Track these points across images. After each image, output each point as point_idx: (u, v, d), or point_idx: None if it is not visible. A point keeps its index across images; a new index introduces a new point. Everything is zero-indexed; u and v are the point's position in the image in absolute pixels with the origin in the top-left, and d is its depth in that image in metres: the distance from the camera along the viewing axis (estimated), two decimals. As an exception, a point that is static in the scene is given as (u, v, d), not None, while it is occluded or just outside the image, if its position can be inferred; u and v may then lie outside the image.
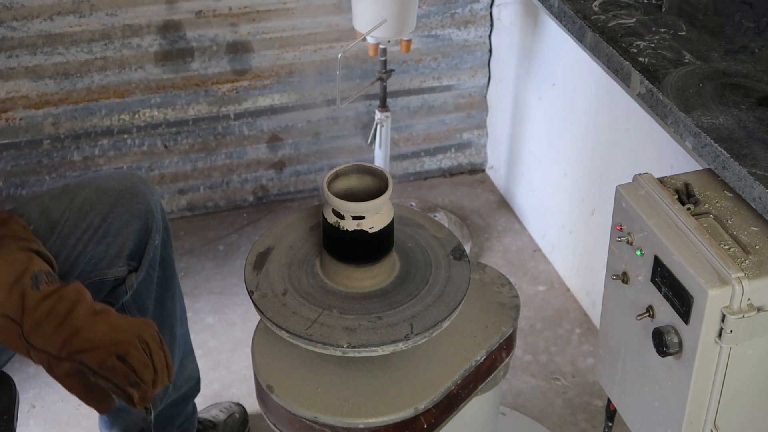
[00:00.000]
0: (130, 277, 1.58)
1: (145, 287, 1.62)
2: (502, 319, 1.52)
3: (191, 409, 1.87)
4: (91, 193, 1.53)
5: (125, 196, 1.54)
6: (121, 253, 1.55)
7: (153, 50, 2.41)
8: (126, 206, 1.53)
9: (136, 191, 1.55)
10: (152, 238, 1.58)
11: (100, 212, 1.51)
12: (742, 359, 1.23)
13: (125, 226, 1.54)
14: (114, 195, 1.53)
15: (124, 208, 1.53)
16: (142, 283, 1.61)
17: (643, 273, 1.31)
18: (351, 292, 1.42)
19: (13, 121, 2.40)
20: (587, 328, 2.29)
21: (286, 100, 2.60)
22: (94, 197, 1.52)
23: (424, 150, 2.81)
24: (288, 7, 2.46)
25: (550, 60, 2.37)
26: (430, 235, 1.53)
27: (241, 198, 2.70)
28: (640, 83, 1.39)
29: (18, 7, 2.26)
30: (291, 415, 1.38)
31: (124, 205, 1.52)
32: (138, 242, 1.56)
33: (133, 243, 1.55)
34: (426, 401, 1.38)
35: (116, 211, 1.52)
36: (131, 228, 1.54)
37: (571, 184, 2.35)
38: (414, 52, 2.62)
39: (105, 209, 1.52)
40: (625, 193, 1.33)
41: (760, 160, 1.21)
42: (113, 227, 1.53)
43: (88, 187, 1.54)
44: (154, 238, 1.58)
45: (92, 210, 1.51)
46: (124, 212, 1.53)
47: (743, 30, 1.53)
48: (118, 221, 1.53)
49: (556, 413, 2.07)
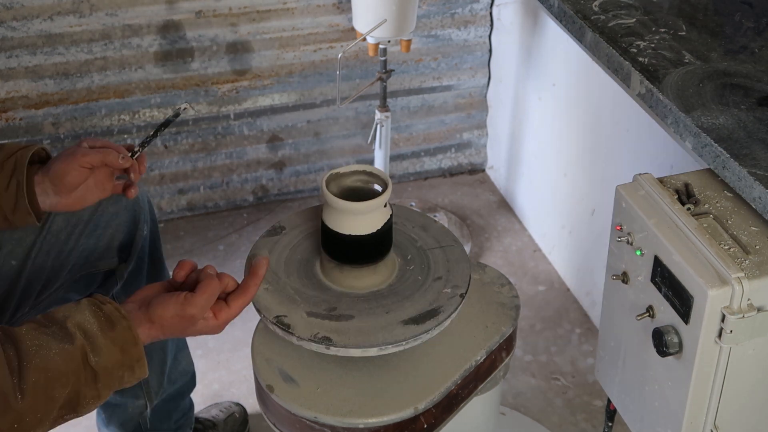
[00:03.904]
0: (120, 269, 1.61)
1: (136, 279, 1.64)
2: (502, 319, 1.52)
3: (188, 405, 1.88)
4: None
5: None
6: (111, 245, 1.58)
7: (153, 50, 2.41)
8: (113, 199, 1.55)
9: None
10: (140, 229, 1.60)
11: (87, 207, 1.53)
12: (742, 359, 1.23)
13: (113, 219, 1.57)
14: None
15: (112, 201, 1.56)
16: (133, 275, 1.63)
17: (643, 273, 1.31)
18: (350, 292, 1.42)
19: (13, 121, 2.40)
20: (587, 328, 2.29)
21: (286, 100, 2.60)
22: None
23: (424, 150, 2.81)
24: (288, 7, 2.46)
25: (550, 60, 2.37)
26: (429, 236, 1.53)
27: (241, 198, 2.70)
28: (640, 83, 1.39)
29: (18, 7, 2.26)
30: (291, 415, 1.38)
31: (112, 197, 1.54)
32: (127, 234, 1.59)
33: (123, 235, 1.58)
34: (426, 401, 1.38)
35: (104, 204, 1.55)
36: (120, 220, 1.57)
37: (571, 184, 2.35)
38: (414, 52, 2.62)
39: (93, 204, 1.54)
40: (625, 193, 1.33)
41: (760, 160, 1.21)
42: (102, 220, 1.56)
43: None
44: (142, 229, 1.61)
45: None
46: (112, 205, 1.56)
47: (743, 30, 1.53)
48: (107, 214, 1.56)
49: (556, 413, 2.07)
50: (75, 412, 1.20)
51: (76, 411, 1.20)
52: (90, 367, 1.18)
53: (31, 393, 1.14)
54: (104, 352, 1.19)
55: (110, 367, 1.20)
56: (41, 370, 1.15)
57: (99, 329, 1.19)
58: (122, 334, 1.21)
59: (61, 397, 1.17)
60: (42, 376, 1.15)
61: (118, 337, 1.20)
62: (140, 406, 1.75)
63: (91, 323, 1.19)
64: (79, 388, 1.18)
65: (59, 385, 1.16)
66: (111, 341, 1.19)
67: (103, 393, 1.21)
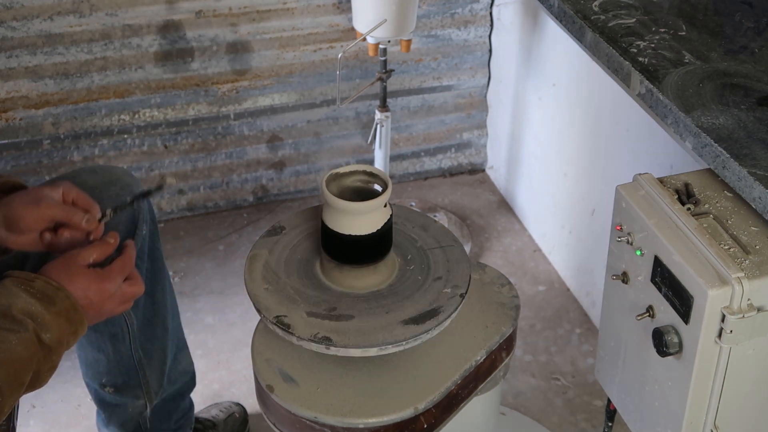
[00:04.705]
0: None
1: None
2: (502, 319, 1.52)
3: (188, 405, 1.88)
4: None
5: (110, 189, 1.56)
6: None
7: (153, 50, 2.41)
8: (112, 198, 1.55)
9: (121, 183, 1.58)
10: (139, 229, 1.60)
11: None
12: (742, 359, 1.23)
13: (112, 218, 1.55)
14: (99, 188, 1.55)
15: (110, 200, 1.55)
16: None
17: (643, 273, 1.31)
18: (350, 292, 1.42)
19: (13, 121, 2.40)
20: (587, 328, 2.29)
21: (286, 100, 2.60)
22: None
23: (424, 150, 2.81)
24: (288, 7, 2.46)
25: (550, 60, 2.37)
26: (429, 236, 1.53)
27: (241, 198, 2.70)
28: (640, 83, 1.39)
29: (18, 7, 2.26)
30: (291, 415, 1.38)
31: (110, 196, 1.54)
32: (125, 233, 1.58)
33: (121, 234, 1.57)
34: (426, 401, 1.38)
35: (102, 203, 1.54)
36: (118, 219, 1.56)
37: (571, 184, 2.35)
38: (414, 52, 2.62)
39: None
40: (625, 193, 1.33)
41: (760, 160, 1.21)
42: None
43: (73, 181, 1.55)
44: (141, 229, 1.61)
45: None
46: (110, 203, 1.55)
47: (743, 30, 1.53)
48: None
49: (556, 413, 2.07)
50: (36, 387, 1.26)
51: (37, 386, 1.26)
52: (45, 344, 1.23)
53: (6, 388, 1.19)
54: (53, 327, 1.24)
55: (61, 337, 1.25)
56: (8, 363, 1.19)
57: (43, 307, 1.24)
58: (63, 305, 1.26)
59: (27, 380, 1.22)
60: (11, 369, 1.19)
61: (61, 309, 1.25)
62: (140, 406, 1.75)
63: (33, 304, 1.23)
64: (39, 366, 1.23)
65: (25, 372, 1.21)
66: (56, 315, 1.25)
67: (57, 362, 1.27)
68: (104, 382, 1.72)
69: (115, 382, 1.71)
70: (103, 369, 1.70)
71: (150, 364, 1.71)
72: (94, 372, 1.72)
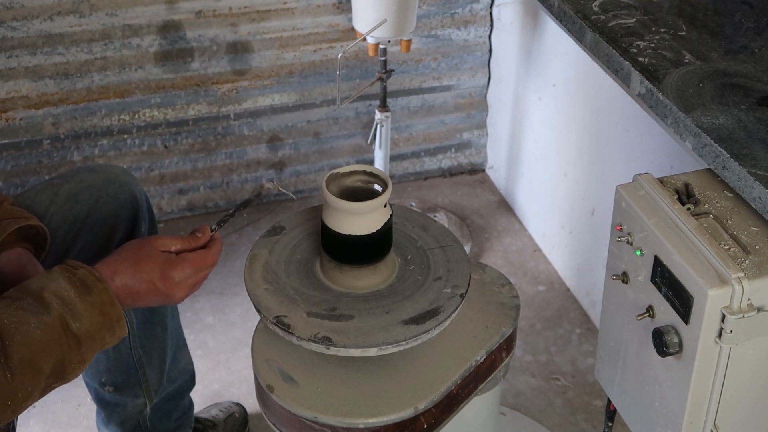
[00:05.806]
0: None
1: None
2: (502, 319, 1.52)
3: (187, 404, 1.88)
4: (75, 186, 1.55)
5: (109, 187, 1.56)
6: (109, 242, 1.57)
7: (153, 50, 2.41)
8: (111, 196, 1.55)
9: (120, 182, 1.58)
10: (138, 227, 1.60)
11: (85, 204, 1.54)
12: (742, 359, 1.23)
13: (112, 216, 1.57)
14: (98, 186, 1.56)
15: (110, 198, 1.55)
16: None
17: (643, 273, 1.31)
18: (350, 292, 1.42)
19: (13, 121, 2.40)
20: (587, 328, 2.29)
21: (286, 100, 2.60)
22: (77, 190, 1.55)
23: (424, 150, 2.81)
24: (288, 7, 2.46)
25: (550, 60, 2.37)
26: (429, 236, 1.53)
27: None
28: (640, 83, 1.39)
29: (18, 7, 2.26)
30: (291, 415, 1.38)
31: (109, 195, 1.54)
32: (125, 231, 1.58)
33: (121, 233, 1.58)
34: (426, 401, 1.38)
35: (102, 201, 1.55)
36: (118, 218, 1.57)
37: (571, 184, 2.35)
38: (414, 52, 2.62)
39: (90, 201, 1.54)
40: (625, 193, 1.33)
41: (760, 160, 1.21)
42: (100, 217, 1.56)
43: (71, 180, 1.56)
44: (141, 227, 1.61)
45: (77, 202, 1.54)
46: (110, 202, 1.56)
47: (743, 30, 1.53)
48: (105, 211, 1.56)
49: (556, 413, 2.07)
50: (62, 379, 1.23)
51: (63, 378, 1.23)
52: (72, 334, 1.20)
53: (18, 370, 1.16)
54: (85, 317, 1.21)
55: (92, 330, 1.22)
56: (25, 345, 1.16)
57: (76, 295, 1.21)
58: (100, 297, 1.23)
59: (48, 368, 1.19)
60: (26, 351, 1.17)
61: (96, 300, 1.23)
62: (140, 405, 1.75)
63: (67, 290, 1.21)
64: (63, 355, 1.20)
65: (44, 357, 1.18)
66: (90, 305, 1.22)
67: (87, 357, 1.24)
68: (104, 381, 1.72)
69: (115, 381, 1.71)
70: (103, 368, 1.70)
71: (149, 363, 1.71)
72: (93, 371, 1.72)
